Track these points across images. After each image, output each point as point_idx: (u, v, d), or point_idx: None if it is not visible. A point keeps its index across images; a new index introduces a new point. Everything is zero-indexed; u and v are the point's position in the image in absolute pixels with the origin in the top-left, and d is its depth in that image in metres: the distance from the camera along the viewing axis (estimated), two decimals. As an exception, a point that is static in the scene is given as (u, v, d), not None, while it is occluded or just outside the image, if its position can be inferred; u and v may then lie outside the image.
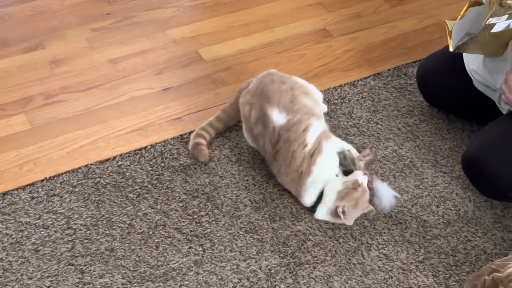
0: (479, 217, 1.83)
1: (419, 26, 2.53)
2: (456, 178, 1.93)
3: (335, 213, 1.73)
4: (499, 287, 1.53)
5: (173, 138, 2.02)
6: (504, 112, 1.87)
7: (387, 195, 1.81)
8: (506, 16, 1.62)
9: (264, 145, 1.85)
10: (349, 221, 1.75)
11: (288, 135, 1.79)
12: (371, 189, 1.78)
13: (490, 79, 1.85)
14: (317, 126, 1.82)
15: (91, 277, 1.65)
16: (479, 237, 1.78)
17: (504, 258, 1.60)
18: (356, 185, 1.72)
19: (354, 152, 1.84)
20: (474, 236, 1.78)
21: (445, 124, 2.09)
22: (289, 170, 1.79)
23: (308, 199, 1.79)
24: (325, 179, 1.77)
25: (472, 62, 1.90)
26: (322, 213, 1.78)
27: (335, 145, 1.83)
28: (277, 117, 1.81)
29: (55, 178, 1.89)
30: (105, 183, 1.88)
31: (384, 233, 1.78)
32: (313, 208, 1.79)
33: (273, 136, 1.81)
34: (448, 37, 1.72)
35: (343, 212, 1.71)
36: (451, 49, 1.72)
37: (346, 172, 1.79)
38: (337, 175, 1.78)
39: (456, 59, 1.95)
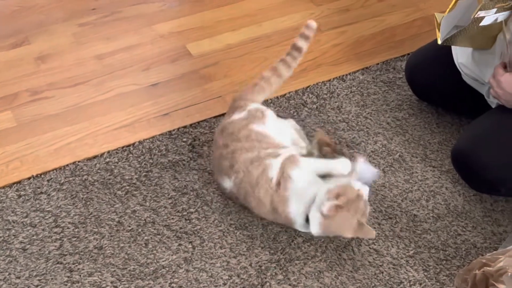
0: (468, 211, 1.83)
1: (407, 20, 2.53)
2: (445, 172, 1.93)
3: (331, 209, 1.60)
4: (489, 281, 1.53)
5: (162, 134, 2.01)
6: (493, 106, 1.87)
7: (367, 171, 1.79)
8: (495, 9, 1.62)
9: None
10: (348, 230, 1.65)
11: (243, 187, 1.72)
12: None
13: (479, 73, 1.85)
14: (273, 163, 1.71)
15: (80, 275, 1.64)
16: (469, 231, 1.78)
17: (494, 252, 1.61)
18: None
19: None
20: (464, 230, 1.78)
21: (434, 118, 2.10)
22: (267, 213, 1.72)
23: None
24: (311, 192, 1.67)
25: (461, 55, 1.90)
26: (315, 222, 1.64)
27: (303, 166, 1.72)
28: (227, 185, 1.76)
29: (42, 176, 1.87)
30: (93, 181, 1.87)
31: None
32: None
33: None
34: (437, 30, 1.71)
35: (339, 206, 1.60)
36: (439, 42, 1.72)
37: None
38: None
39: (444, 53, 1.95)
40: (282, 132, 1.81)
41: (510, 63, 1.70)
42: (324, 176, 1.71)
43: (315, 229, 1.64)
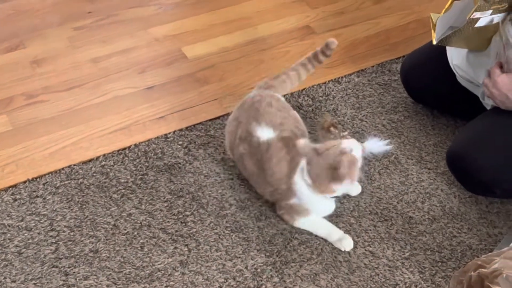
0: (464, 213, 1.83)
1: (402, 22, 2.54)
2: (441, 174, 1.93)
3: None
4: (485, 283, 1.53)
5: (157, 137, 2.01)
6: (488, 108, 1.87)
7: (377, 146, 1.87)
8: (491, 11, 1.63)
9: (247, 164, 1.79)
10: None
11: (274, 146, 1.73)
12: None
13: (473, 75, 1.85)
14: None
15: (76, 279, 1.64)
16: (464, 233, 1.78)
17: (490, 253, 1.61)
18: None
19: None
20: (459, 232, 1.79)
21: (430, 120, 2.10)
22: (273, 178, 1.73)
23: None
24: None
25: (456, 57, 1.90)
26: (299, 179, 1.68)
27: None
28: (264, 132, 1.75)
29: (38, 179, 1.87)
30: (88, 184, 1.87)
31: (370, 230, 1.78)
32: None
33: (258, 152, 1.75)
34: (432, 30, 1.72)
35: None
36: (434, 42, 1.72)
37: None
38: None
39: (439, 54, 1.95)
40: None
41: (506, 63, 1.71)
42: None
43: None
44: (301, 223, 1.76)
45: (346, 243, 1.74)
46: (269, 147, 1.72)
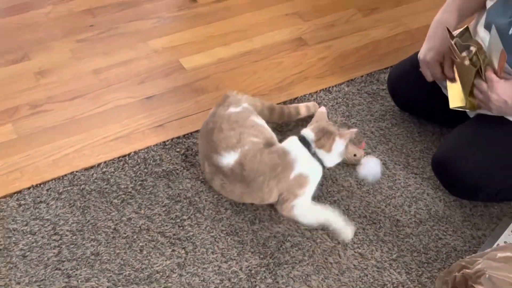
0: (449, 216, 1.84)
1: (390, 34, 2.54)
2: (427, 179, 1.94)
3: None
4: (468, 283, 1.54)
5: (156, 145, 2.02)
6: (471, 116, 1.88)
7: (374, 167, 1.89)
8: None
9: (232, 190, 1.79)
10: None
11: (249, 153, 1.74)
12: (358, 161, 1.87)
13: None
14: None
15: (78, 281, 1.64)
16: (449, 235, 1.79)
17: (473, 255, 1.61)
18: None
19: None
20: (444, 234, 1.79)
21: (416, 127, 2.11)
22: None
23: None
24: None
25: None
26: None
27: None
28: (228, 158, 1.74)
29: (42, 186, 1.87)
30: (90, 190, 1.87)
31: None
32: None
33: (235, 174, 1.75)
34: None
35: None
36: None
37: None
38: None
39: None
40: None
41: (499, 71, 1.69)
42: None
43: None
44: (300, 207, 1.74)
45: (349, 231, 1.76)
46: (244, 165, 1.72)
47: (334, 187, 1.90)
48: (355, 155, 1.92)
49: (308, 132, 1.78)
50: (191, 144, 2.01)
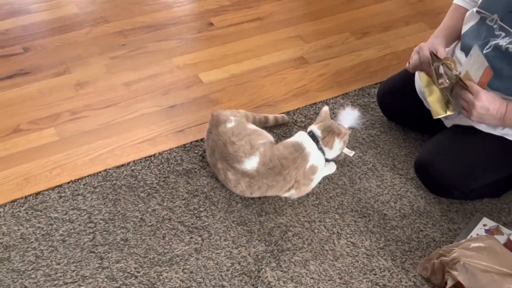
0: (429, 211, 1.84)
1: (380, 55, 2.54)
2: (410, 179, 1.94)
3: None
4: (445, 268, 1.54)
5: (177, 147, 2.02)
6: (448, 126, 1.88)
7: (349, 115, 1.97)
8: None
9: (260, 187, 1.79)
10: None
11: (268, 152, 1.77)
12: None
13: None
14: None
15: (109, 262, 1.65)
16: (429, 227, 1.79)
17: (450, 245, 1.62)
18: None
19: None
20: (425, 227, 1.79)
21: (401, 135, 2.11)
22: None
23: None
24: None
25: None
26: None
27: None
28: (250, 163, 1.74)
29: (79, 181, 1.88)
30: (120, 185, 1.88)
31: (351, 224, 1.79)
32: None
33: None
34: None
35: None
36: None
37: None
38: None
39: (409, 82, 1.97)
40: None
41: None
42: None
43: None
44: (315, 180, 1.84)
45: (331, 167, 1.92)
46: (267, 164, 1.74)
47: (329, 185, 1.90)
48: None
49: (316, 129, 1.82)
50: (207, 147, 2.02)
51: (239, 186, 1.77)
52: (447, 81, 1.67)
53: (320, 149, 1.81)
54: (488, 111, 1.61)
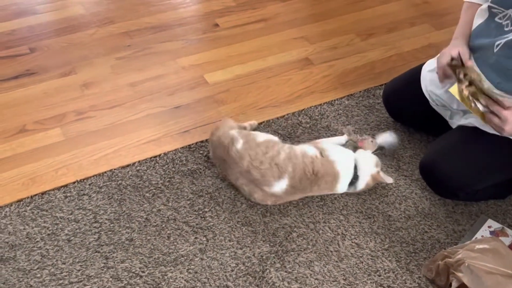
0: (434, 213, 1.83)
1: (385, 56, 2.54)
2: (415, 180, 1.93)
3: (376, 177, 1.82)
4: (450, 270, 1.54)
5: (183, 147, 2.02)
6: (453, 127, 1.88)
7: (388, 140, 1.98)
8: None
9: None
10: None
11: (298, 173, 1.75)
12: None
13: (447, 99, 1.85)
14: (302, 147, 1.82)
15: (114, 262, 1.65)
16: (434, 229, 1.78)
17: (454, 246, 1.61)
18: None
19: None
20: (430, 228, 1.79)
21: (406, 136, 2.10)
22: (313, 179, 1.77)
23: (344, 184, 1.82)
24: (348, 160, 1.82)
25: (430, 84, 1.90)
26: (361, 183, 1.82)
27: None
28: (279, 185, 1.75)
29: (85, 181, 1.89)
30: (126, 185, 1.88)
31: (356, 226, 1.78)
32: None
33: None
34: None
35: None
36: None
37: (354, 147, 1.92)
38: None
39: (414, 82, 1.96)
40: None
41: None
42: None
43: (359, 188, 1.83)
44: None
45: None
46: (296, 187, 1.75)
47: (334, 186, 1.90)
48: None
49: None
50: (212, 147, 2.02)
51: (263, 201, 1.79)
52: (465, 92, 1.62)
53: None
54: None
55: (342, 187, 1.81)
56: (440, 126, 1.91)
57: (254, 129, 2.05)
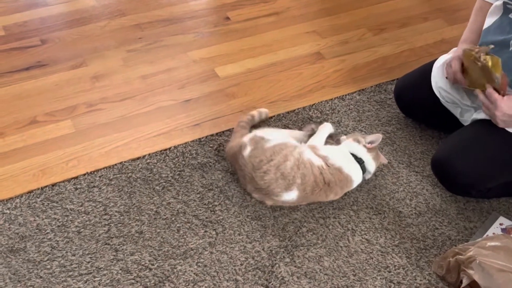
0: (445, 209, 1.82)
1: (397, 51, 2.52)
2: (426, 176, 1.92)
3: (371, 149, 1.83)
4: (461, 267, 1.53)
5: (193, 141, 2.02)
6: (465, 124, 1.86)
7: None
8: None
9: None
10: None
11: (309, 183, 1.73)
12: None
13: (457, 95, 1.84)
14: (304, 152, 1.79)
15: (124, 254, 1.66)
16: (445, 226, 1.78)
17: (465, 243, 1.60)
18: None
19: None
20: (441, 225, 1.78)
21: (418, 132, 2.09)
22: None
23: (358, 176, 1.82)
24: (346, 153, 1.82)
25: (440, 80, 1.89)
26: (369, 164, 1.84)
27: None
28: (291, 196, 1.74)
29: (95, 173, 1.89)
30: (136, 177, 1.88)
31: (366, 221, 1.78)
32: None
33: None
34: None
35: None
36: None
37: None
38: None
39: (426, 78, 1.95)
40: (281, 135, 1.86)
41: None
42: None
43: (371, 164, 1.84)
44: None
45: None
46: (308, 197, 1.75)
47: (345, 181, 1.89)
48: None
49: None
50: (222, 141, 2.02)
51: (276, 205, 1.79)
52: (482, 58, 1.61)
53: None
54: (511, 117, 1.61)
55: (358, 180, 1.82)
56: (452, 123, 1.89)
57: (266, 119, 2.05)
